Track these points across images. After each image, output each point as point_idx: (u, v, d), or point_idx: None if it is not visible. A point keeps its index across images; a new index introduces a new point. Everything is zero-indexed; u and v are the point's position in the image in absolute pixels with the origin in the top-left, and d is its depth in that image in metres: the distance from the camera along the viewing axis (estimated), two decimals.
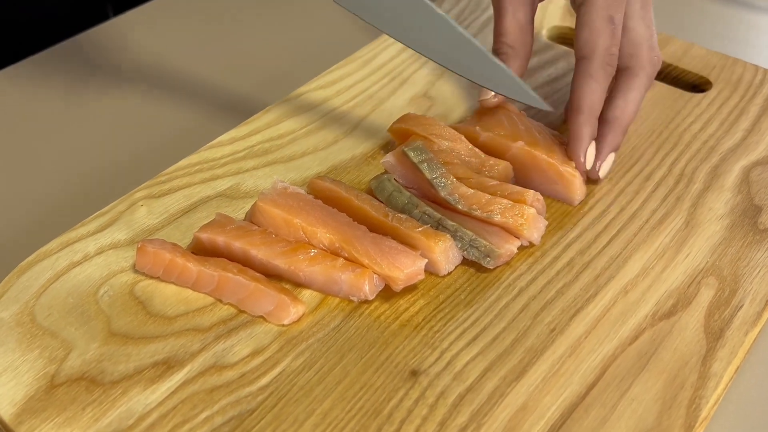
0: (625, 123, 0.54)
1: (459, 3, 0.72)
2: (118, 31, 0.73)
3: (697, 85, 0.65)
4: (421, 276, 0.46)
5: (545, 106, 0.50)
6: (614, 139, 0.54)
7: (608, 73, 0.52)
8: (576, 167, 0.52)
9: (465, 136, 0.53)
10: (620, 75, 0.55)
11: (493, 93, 0.55)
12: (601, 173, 0.54)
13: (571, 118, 0.53)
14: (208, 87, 0.66)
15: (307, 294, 0.47)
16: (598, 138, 0.54)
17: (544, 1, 0.58)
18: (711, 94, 0.63)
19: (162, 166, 0.54)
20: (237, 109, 0.64)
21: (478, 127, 0.54)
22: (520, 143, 0.52)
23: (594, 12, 0.52)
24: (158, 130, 0.62)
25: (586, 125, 0.53)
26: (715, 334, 0.45)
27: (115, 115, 0.64)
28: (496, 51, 0.55)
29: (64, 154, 0.60)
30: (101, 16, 0.80)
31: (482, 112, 0.56)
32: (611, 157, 0.54)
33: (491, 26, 0.69)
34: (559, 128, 0.58)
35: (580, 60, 0.53)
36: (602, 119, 0.54)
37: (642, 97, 0.54)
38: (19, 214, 0.55)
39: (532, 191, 0.50)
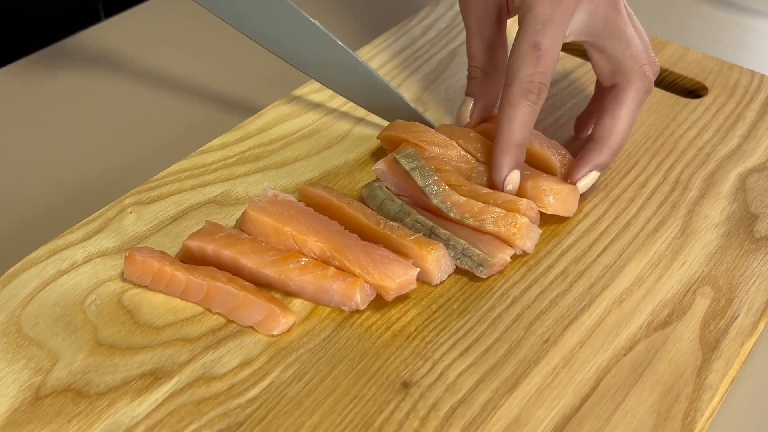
0: (614, 142, 0.51)
1: (454, 6, 0.71)
2: (109, 34, 0.72)
3: (693, 91, 0.64)
4: (414, 285, 0.45)
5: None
6: (597, 159, 0.51)
7: (531, 100, 0.49)
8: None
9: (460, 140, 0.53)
10: (608, 93, 0.52)
11: (469, 113, 0.55)
12: (580, 187, 0.52)
13: (493, 145, 0.51)
14: (198, 91, 0.66)
15: (297, 303, 0.46)
16: (582, 154, 0.52)
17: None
18: (707, 99, 0.62)
19: (152, 172, 0.54)
20: (228, 114, 0.63)
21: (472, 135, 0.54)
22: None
23: (520, 37, 0.50)
24: (148, 134, 0.61)
25: (504, 153, 0.50)
26: (710, 345, 0.45)
27: (104, 120, 0.63)
28: (469, 74, 0.55)
29: (52, 159, 0.59)
30: (92, 19, 0.79)
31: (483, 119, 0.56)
32: (593, 174, 0.52)
33: None
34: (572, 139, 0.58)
35: (504, 87, 0.50)
36: (591, 138, 0.52)
37: (632, 112, 0.52)
38: (6, 220, 0.54)
39: (525, 200, 0.49)
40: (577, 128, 0.58)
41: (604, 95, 0.53)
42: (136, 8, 0.75)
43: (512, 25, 0.55)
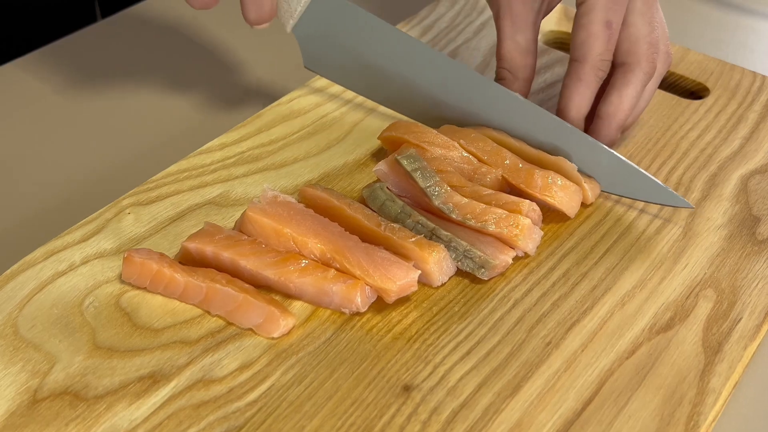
0: (619, 119, 0.53)
1: (454, 6, 0.71)
2: (106, 33, 0.72)
3: (695, 92, 0.64)
4: (414, 287, 0.45)
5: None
6: (607, 135, 0.53)
7: (599, 77, 0.52)
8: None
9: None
10: (617, 71, 0.54)
11: None
12: None
13: (558, 111, 0.54)
14: (197, 91, 0.65)
15: (297, 306, 0.46)
16: (591, 134, 0.53)
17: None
18: (708, 101, 0.62)
19: (150, 173, 0.53)
20: (227, 114, 0.63)
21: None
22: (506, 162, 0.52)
23: (593, 14, 0.52)
24: (146, 135, 0.61)
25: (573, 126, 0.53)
26: (713, 348, 0.44)
27: (102, 120, 0.63)
28: (497, 76, 0.55)
29: (50, 160, 0.59)
30: (89, 18, 0.79)
31: None
32: None
33: (485, 31, 0.68)
34: None
35: (573, 62, 0.53)
36: (596, 115, 0.54)
37: (637, 93, 0.53)
38: (3, 221, 0.54)
39: (527, 201, 0.49)
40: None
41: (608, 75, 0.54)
42: (133, 8, 0.74)
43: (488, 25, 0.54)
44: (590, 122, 0.55)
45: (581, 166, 0.52)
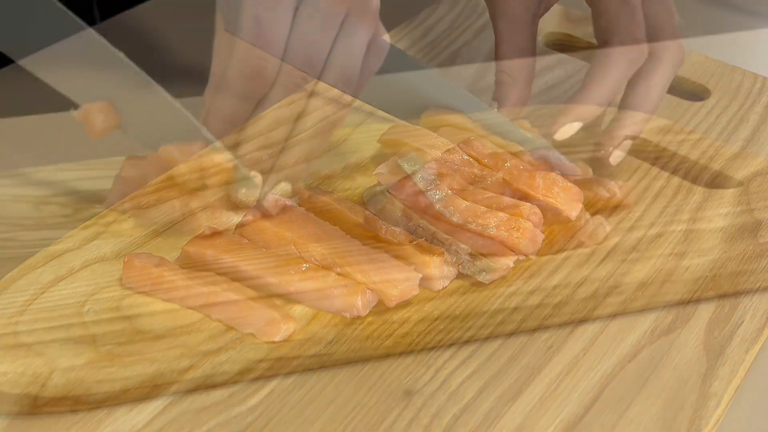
0: (648, 110, 0.52)
1: (454, 8, 0.70)
2: (105, 36, 0.71)
3: (696, 93, 0.64)
4: (416, 291, 0.45)
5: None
6: (632, 127, 0.52)
7: (629, 59, 0.50)
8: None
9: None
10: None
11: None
12: (613, 160, 0.52)
13: (578, 94, 0.51)
14: (196, 94, 0.65)
15: (298, 309, 0.45)
16: (615, 123, 0.52)
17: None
18: (710, 102, 0.62)
19: (150, 176, 0.53)
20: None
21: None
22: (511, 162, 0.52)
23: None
24: None
25: (582, 108, 0.51)
26: (715, 351, 0.44)
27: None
28: (496, 79, 0.55)
29: (49, 162, 0.59)
30: (88, 21, 0.79)
31: None
32: (627, 144, 0.52)
33: (487, 32, 0.68)
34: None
35: (601, 46, 0.51)
36: (622, 105, 0.53)
37: (666, 82, 0.52)
38: (3, 225, 0.54)
39: (528, 204, 0.49)
40: None
41: None
42: (132, 10, 0.74)
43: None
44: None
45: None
